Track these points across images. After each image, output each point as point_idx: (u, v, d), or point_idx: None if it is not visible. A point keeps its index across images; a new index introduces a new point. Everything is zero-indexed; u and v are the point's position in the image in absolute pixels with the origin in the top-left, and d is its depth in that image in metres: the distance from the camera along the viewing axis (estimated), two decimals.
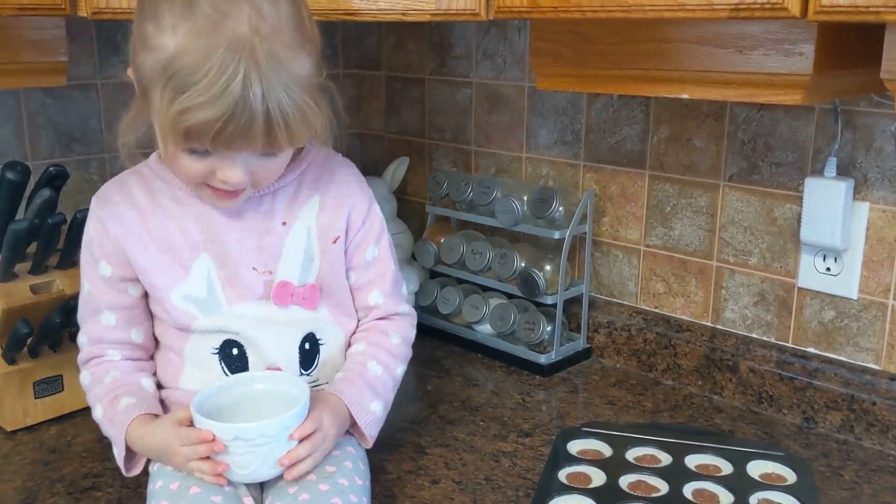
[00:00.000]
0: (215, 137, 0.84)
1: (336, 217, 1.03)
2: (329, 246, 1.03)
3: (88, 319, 1.02)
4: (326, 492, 0.91)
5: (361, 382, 1.02)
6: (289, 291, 1.01)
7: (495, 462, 1.12)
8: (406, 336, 1.11)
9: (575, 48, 1.08)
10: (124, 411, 0.96)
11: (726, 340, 1.31)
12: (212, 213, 0.99)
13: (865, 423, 1.17)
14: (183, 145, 0.87)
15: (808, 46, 0.90)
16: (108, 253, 1.00)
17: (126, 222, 0.99)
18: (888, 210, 1.14)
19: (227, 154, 0.88)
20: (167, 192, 1.00)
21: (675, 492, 1.00)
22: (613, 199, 1.42)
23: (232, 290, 1.00)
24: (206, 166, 0.90)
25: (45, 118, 1.39)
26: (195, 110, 0.82)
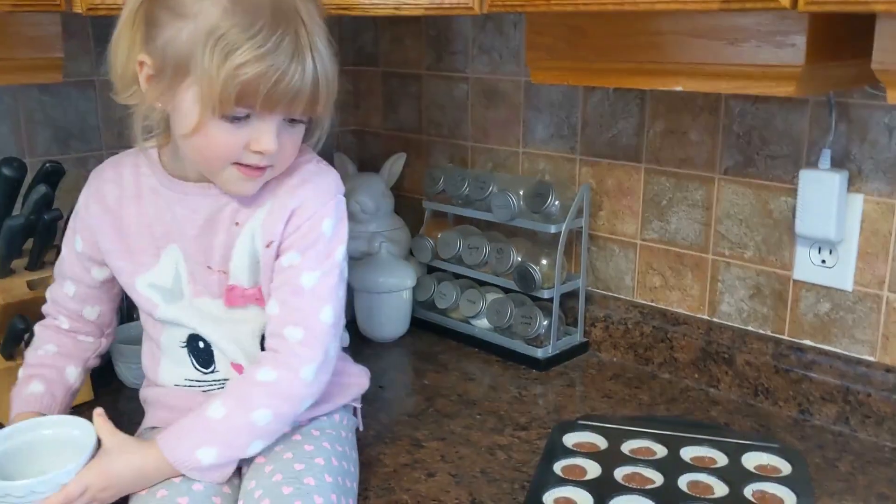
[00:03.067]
0: (268, 94, 0.85)
1: (277, 220, 0.97)
2: (263, 249, 0.98)
3: (56, 280, 1.07)
4: (288, 495, 0.89)
5: (193, 425, 0.93)
6: (238, 294, 1.00)
7: (491, 455, 1.12)
8: (286, 377, 0.94)
9: (569, 41, 1.08)
10: (24, 398, 1.02)
11: (722, 333, 1.31)
12: (177, 207, 0.98)
13: (861, 415, 1.17)
14: (230, 108, 0.86)
15: (800, 38, 0.90)
16: (83, 228, 1.02)
17: (108, 201, 1.01)
18: (882, 202, 1.14)
19: (266, 118, 0.89)
20: (150, 179, 1.00)
21: (670, 483, 1.01)
22: (610, 193, 1.43)
23: (195, 283, 1.00)
24: (241, 138, 0.89)
25: (43, 115, 1.39)
26: (251, 64, 0.83)
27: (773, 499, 0.98)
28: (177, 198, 0.98)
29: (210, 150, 0.91)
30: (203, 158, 0.93)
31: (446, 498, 1.02)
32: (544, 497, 0.98)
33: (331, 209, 0.98)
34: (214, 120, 0.87)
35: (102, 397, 1.27)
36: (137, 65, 0.91)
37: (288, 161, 0.96)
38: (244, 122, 0.88)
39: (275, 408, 0.94)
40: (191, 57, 0.85)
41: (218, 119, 0.87)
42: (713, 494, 0.99)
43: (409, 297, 1.52)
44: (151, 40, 0.89)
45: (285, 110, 0.89)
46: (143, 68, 0.91)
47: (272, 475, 0.93)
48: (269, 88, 0.85)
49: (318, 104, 0.90)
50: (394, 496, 1.03)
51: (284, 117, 0.90)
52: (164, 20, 0.87)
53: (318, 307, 0.96)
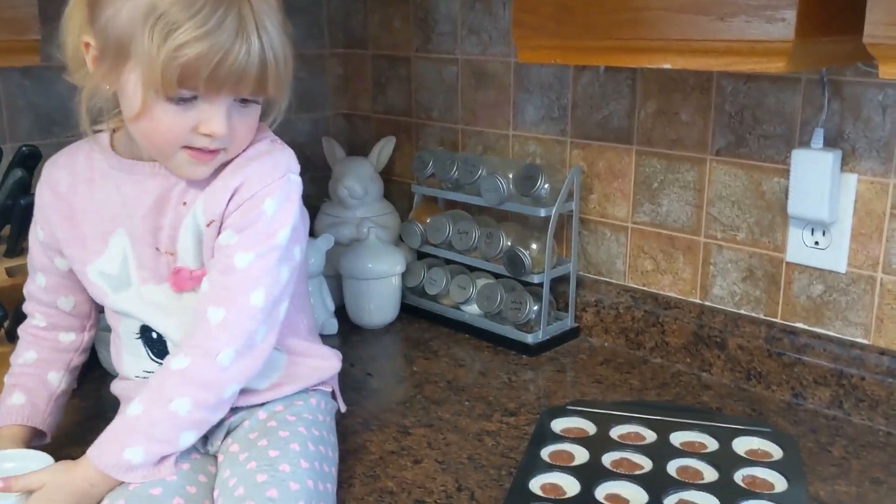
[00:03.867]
0: (211, 75, 0.82)
1: (219, 198, 0.93)
2: (204, 229, 0.94)
3: (29, 274, 1.06)
4: (262, 483, 0.87)
5: (115, 427, 0.91)
6: (185, 276, 0.97)
7: (479, 441, 1.10)
8: (200, 362, 0.90)
9: (556, 19, 1.06)
10: (6, 411, 1.01)
11: (714, 317, 1.29)
12: (127, 187, 0.96)
13: (854, 399, 1.15)
14: (173, 91, 0.83)
15: (790, 12, 0.87)
16: (41, 218, 1.01)
17: (60, 189, 0.99)
18: (876, 181, 1.12)
19: (214, 99, 0.86)
20: (101, 163, 0.98)
21: (659, 469, 0.99)
22: (601, 176, 1.40)
23: (142, 269, 0.97)
24: (190, 120, 0.87)
25: (24, 100, 1.37)
26: (192, 44, 0.81)
27: (764, 483, 0.97)
28: (126, 178, 0.96)
29: (158, 134, 0.88)
30: (152, 143, 0.90)
31: (432, 485, 1.01)
32: (530, 483, 0.96)
33: (276, 189, 0.93)
34: (159, 102, 0.85)
35: (85, 385, 1.25)
36: (83, 45, 0.89)
37: (242, 144, 0.93)
38: (191, 103, 0.86)
39: (192, 395, 0.89)
40: (131, 38, 0.83)
41: (163, 101, 0.85)
42: (703, 479, 0.97)
43: (398, 284, 1.50)
44: (95, 20, 0.86)
45: (232, 91, 0.86)
46: (88, 49, 0.88)
47: (246, 462, 0.91)
48: (213, 69, 0.82)
49: (268, 84, 0.87)
50: (379, 483, 1.01)
51: (234, 98, 0.88)
52: (102, 2, 0.85)
53: (249, 289, 0.91)
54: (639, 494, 0.94)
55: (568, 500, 0.94)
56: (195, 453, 0.96)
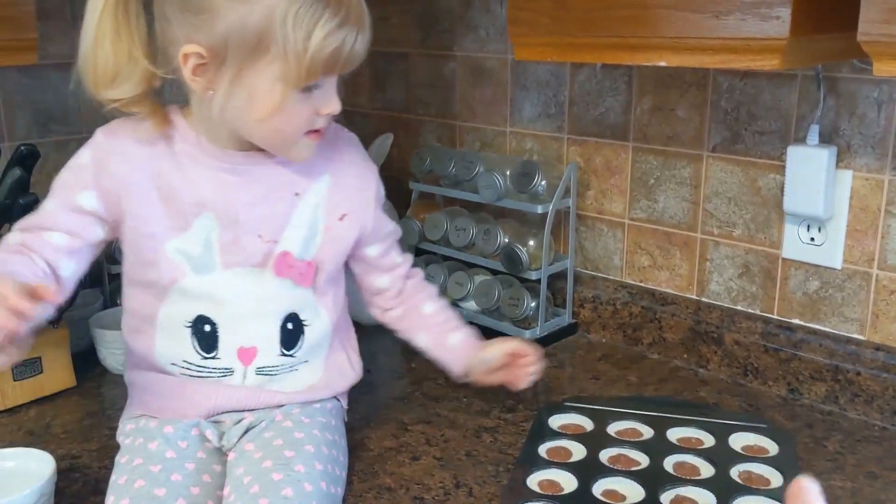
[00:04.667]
0: (345, 61, 0.89)
1: (346, 196, 1.02)
2: (335, 223, 1.02)
3: (29, 227, 0.96)
4: (278, 482, 0.88)
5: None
6: (288, 263, 0.99)
7: (477, 438, 1.11)
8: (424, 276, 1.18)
9: (552, 16, 1.06)
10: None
11: (711, 313, 1.30)
12: (227, 177, 0.96)
13: (850, 394, 1.16)
14: (314, 80, 0.89)
15: (785, 10, 0.88)
16: (100, 187, 0.95)
17: (133, 161, 0.95)
18: (871, 178, 1.12)
19: (329, 81, 0.92)
20: (187, 148, 0.96)
21: (656, 465, 1.00)
22: (597, 172, 1.41)
23: (229, 254, 0.97)
24: (312, 106, 0.91)
25: (22, 98, 1.37)
26: (334, 33, 0.86)
27: (760, 479, 0.97)
28: (225, 167, 0.96)
29: (290, 125, 0.92)
30: (280, 136, 0.93)
31: (430, 481, 1.01)
32: (528, 479, 0.97)
33: (375, 170, 1.08)
34: (293, 94, 0.89)
35: (85, 383, 1.26)
36: (181, 57, 0.88)
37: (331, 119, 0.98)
38: (313, 89, 0.91)
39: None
40: (268, 37, 0.85)
41: (296, 93, 0.89)
42: (699, 475, 0.98)
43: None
44: (206, 28, 0.86)
45: (349, 69, 0.92)
46: (188, 60, 0.88)
47: (262, 461, 0.92)
48: (346, 55, 0.88)
49: (364, 57, 0.92)
50: (377, 480, 1.02)
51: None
52: (220, 6, 0.85)
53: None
54: (636, 490, 0.95)
55: (565, 496, 0.95)
56: (200, 451, 0.97)
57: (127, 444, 0.98)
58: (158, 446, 0.95)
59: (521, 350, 1.09)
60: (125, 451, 0.97)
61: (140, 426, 1.00)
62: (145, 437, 0.97)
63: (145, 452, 0.94)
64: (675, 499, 0.94)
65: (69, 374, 1.24)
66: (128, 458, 0.94)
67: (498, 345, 1.10)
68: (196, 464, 0.94)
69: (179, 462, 0.93)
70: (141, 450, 0.95)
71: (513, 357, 1.10)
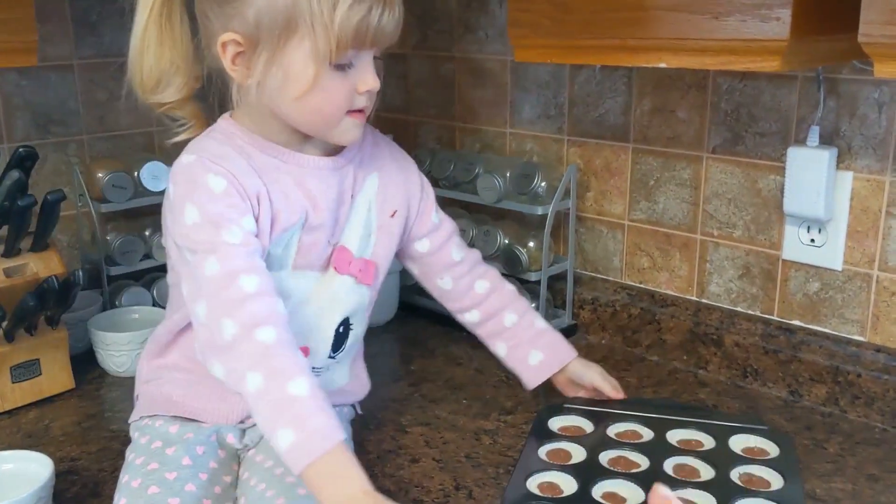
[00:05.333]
0: (376, 31, 0.88)
1: (394, 192, 1.04)
2: (387, 220, 1.03)
3: (230, 291, 0.86)
4: (304, 496, 0.88)
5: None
6: (347, 259, 1.00)
7: (476, 440, 1.11)
8: (500, 274, 1.17)
9: (552, 18, 1.06)
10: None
11: (711, 314, 1.29)
12: (310, 183, 0.96)
13: (850, 396, 1.15)
14: (345, 54, 0.88)
15: (785, 11, 0.87)
16: (250, 207, 0.91)
17: (251, 176, 0.92)
18: (872, 179, 1.12)
19: (364, 58, 0.91)
20: (262, 159, 0.94)
21: (656, 467, 0.99)
22: (597, 174, 1.41)
23: (301, 256, 0.98)
24: (350, 83, 0.90)
25: (21, 100, 1.37)
26: (359, 2, 0.85)
27: (760, 481, 0.97)
28: (308, 173, 0.96)
29: (329, 104, 0.91)
30: (321, 117, 0.92)
31: (430, 484, 1.01)
32: (528, 482, 0.97)
33: (415, 165, 1.10)
34: (327, 72, 0.88)
35: (84, 385, 1.26)
36: (220, 48, 0.89)
37: (374, 100, 0.96)
38: (349, 67, 0.90)
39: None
40: (295, 15, 0.85)
41: (330, 70, 0.88)
42: (699, 477, 0.98)
43: (396, 282, 1.50)
44: (238, 16, 0.87)
45: (387, 40, 0.91)
46: (226, 49, 0.89)
47: (285, 476, 0.92)
48: (375, 25, 0.87)
49: (397, 36, 0.92)
50: (377, 483, 1.00)
51: (375, 55, 0.92)
52: None
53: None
54: (636, 493, 0.94)
55: (565, 498, 0.94)
56: (213, 461, 0.96)
57: (142, 443, 0.97)
58: (175, 452, 0.95)
59: (606, 390, 1.14)
60: (139, 452, 0.96)
61: (158, 428, 0.99)
62: (164, 442, 0.96)
63: (161, 457, 0.94)
64: None
65: (68, 377, 1.23)
66: (143, 459, 0.94)
67: (591, 376, 1.14)
68: (209, 474, 0.94)
69: (194, 471, 0.93)
70: (157, 454, 0.94)
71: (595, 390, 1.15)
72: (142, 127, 1.49)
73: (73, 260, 1.43)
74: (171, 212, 0.92)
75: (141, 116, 1.48)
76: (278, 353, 0.85)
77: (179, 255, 0.93)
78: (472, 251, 1.16)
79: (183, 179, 0.91)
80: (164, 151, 1.50)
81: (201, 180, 0.89)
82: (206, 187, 0.89)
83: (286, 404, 0.82)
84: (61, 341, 1.22)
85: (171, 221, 0.93)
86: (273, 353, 0.85)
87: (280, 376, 0.83)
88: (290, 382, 0.83)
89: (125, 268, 1.39)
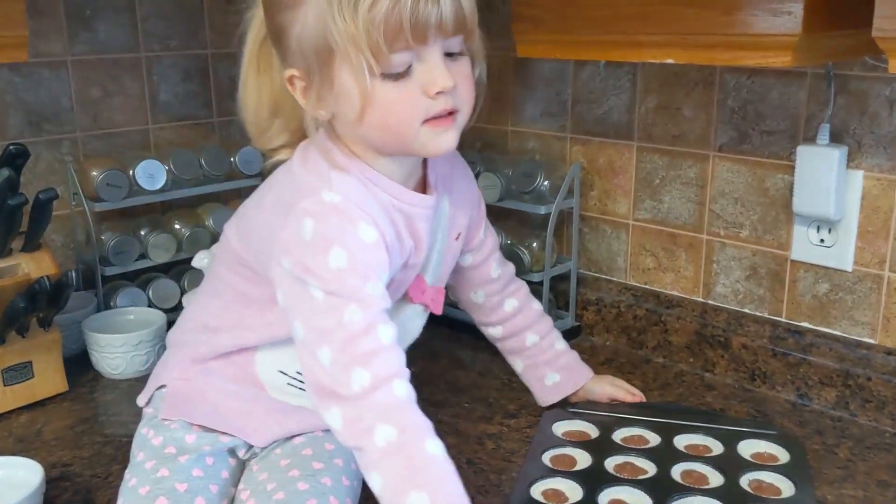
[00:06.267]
0: (413, 24, 0.77)
1: (461, 215, 1.00)
2: (452, 243, 1.00)
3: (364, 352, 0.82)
4: (304, 491, 0.87)
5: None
6: (422, 288, 0.97)
7: (479, 445, 1.08)
8: (528, 291, 1.16)
9: (556, 13, 1.04)
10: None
11: (718, 316, 1.27)
12: (417, 223, 0.91)
13: (861, 400, 1.13)
14: (386, 60, 0.79)
15: (797, 5, 0.85)
16: (388, 260, 0.87)
17: (387, 225, 0.88)
18: (883, 178, 1.10)
19: (426, 56, 0.81)
20: (383, 198, 0.89)
21: (663, 473, 0.97)
22: (601, 172, 1.38)
23: (388, 289, 0.91)
24: (415, 89, 0.81)
25: (14, 97, 1.34)
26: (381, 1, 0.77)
27: (770, 488, 0.95)
28: (416, 213, 0.91)
29: (394, 117, 0.83)
30: (392, 132, 0.84)
31: None
32: (532, 490, 0.94)
33: (474, 177, 1.07)
34: (378, 84, 0.80)
35: (77, 388, 1.24)
36: (288, 82, 0.85)
37: (470, 101, 0.87)
38: (408, 73, 0.81)
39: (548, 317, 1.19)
40: (324, 33, 0.79)
41: (381, 82, 0.80)
42: (708, 484, 0.95)
43: None
44: (289, 48, 0.83)
45: (438, 35, 0.80)
46: (294, 83, 0.85)
47: (288, 469, 0.90)
48: (411, 16, 0.77)
49: (466, 21, 0.82)
50: None
51: (444, 50, 0.82)
52: (286, 21, 0.82)
53: None
54: (643, 500, 0.92)
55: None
56: (225, 471, 0.94)
57: (154, 445, 0.94)
58: (188, 461, 0.92)
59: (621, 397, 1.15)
60: (150, 454, 0.93)
61: (174, 432, 0.95)
62: (178, 448, 0.93)
63: (172, 464, 0.91)
64: None
65: (61, 379, 1.21)
66: (153, 464, 0.91)
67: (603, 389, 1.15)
68: (219, 485, 0.91)
69: (205, 483, 0.90)
70: (169, 460, 0.91)
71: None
72: (137, 125, 1.47)
73: (68, 260, 1.40)
74: (300, 245, 0.84)
75: (135, 114, 1.46)
76: (412, 409, 0.81)
77: (295, 287, 0.84)
78: (508, 265, 1.14)
79: (329, 219, 0.83)
80: (160, 149, 1.48)
81: (351, 227, 0.83)
82: (357, 236, 0.83)
83: (423, 463, 0.78)
84: (54, 343, 1.20)
85: (298, 253, 0.83)
86: (407, 408, 0.81)
87: (416, 432, 0.80)
88: (427, 440, 0.80)
89: (120, 268, 1.36)
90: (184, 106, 1.51)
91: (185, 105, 1.51)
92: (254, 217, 0.94)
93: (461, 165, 1.03)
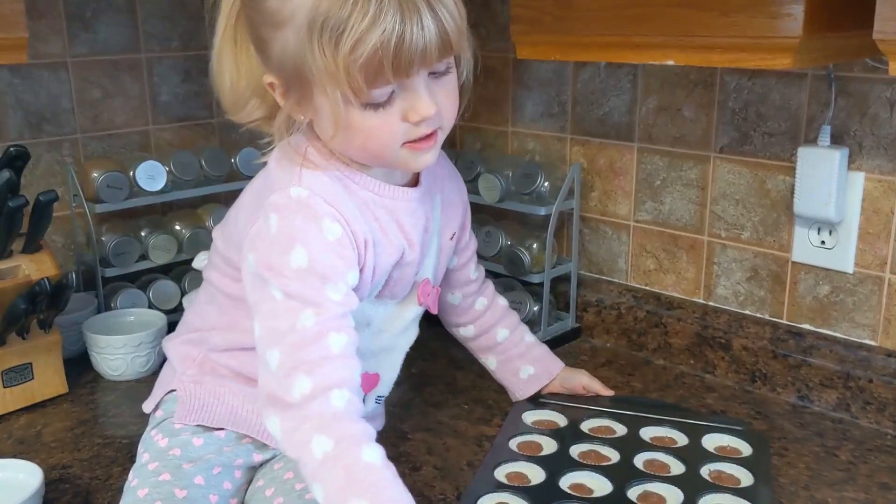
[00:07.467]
0: (395, 63, 0.75)
1: (453, 214, 1.01)
2: (446, 243, 1.01)
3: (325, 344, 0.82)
4: (301, 490, 0.87)
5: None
6: (427, 290, 0.98)
7: (478, 446, 1.08)
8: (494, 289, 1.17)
9: (555, 14, 1.04)
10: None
11: (718, 318, 1.27)
12: (403, 218, 0.91)
13: (861, 402, 1.13)
14: (365, 95, 0.77)
15: (798, 7, 0.85)
16: (357, 257, 0.86)
17: (360, 221, 0.87)
18: (884, 180, 1.09)
19: (408, 84, 0.79)
20: (363, 194, 0.89)
21: (626, 461, 0.99)
22: (601, 174, 1.38)
23: (389, 288, 0.93)
24: (395, 115, 0.80)
25: (13, 98, 1.34)
26: (364, 39, 0.74)
27: (730, 478, 0.96)
28: (401, 207, 0.91)
29: (374, 141, 0.82)
30: (370, 152, 0.84)
31: (431, 493, 0.98)
32: (496, 471, 0.97)
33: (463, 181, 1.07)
34: (357, 112, 0.79)
35: (77, 390, 1.24)
36: (268, 86, 0.84)
37: (452, 116, 0.86)
38: (389, 103, 0.80)
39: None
40: (301, 65, 0.78)
41: (361, 111, 0.79)
42: (668, 472, 0.97)
43: None
44: (269, 58, 0.82)
45: (423, 64, 0.78)
46: (274, 88, 0.84)
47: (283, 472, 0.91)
48: (394, 56, 0.75)
49: (452, 45, 0.79)
50: None
51: (429, 71, 0.80)
52: (268, 35, 0.80)
53: None
54: (603, 485, 0.94)
55: (532, 487, 0.94)
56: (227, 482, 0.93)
57: (161, 446, 0.93)
58: (193, 467, 0.91)
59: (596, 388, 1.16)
60: (154, 455, 0.92)
61: (180, 434, 0.94)
62: (182, 452, 0.93)
63: (175, 468, 0.90)
64: (642, 494, 0.93)
65: (61, 381, 1.21)
66: (156, 466, 0.90)
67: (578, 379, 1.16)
68: (220, 496, 0.91)
69: (205, 492, 0.90)
70: (171, 463, 0.91)
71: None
72: (137, 126, 1.47)
73: (69, 261, 1.40)
74: (265, 240, 0.84)
75: (136, 115, 1.46)
76: (348, 419, 0.80)
77: (257, 286, 0.84)
78: (480, 267, 1.15)
79: (293, 215, 0.83)
80: (160, 151, 1.48)
81: (315, 224, 0.82)
82: (320, 232, 0.82)
83: (360, 472, 0.77)
84: (54, 345, 1.20)
85: (263, 249, 0.84)
86: (343, 418, 0.79)
87: (352, 442, 0.78)
88: (364, 449, 0.78)
89: (120, 269, 1.36)
90: (184, 107, 1.51)
91: (185, 106, 1.51)
92: (233, 216, 0.95)
93: (449, 166, 1.04)
